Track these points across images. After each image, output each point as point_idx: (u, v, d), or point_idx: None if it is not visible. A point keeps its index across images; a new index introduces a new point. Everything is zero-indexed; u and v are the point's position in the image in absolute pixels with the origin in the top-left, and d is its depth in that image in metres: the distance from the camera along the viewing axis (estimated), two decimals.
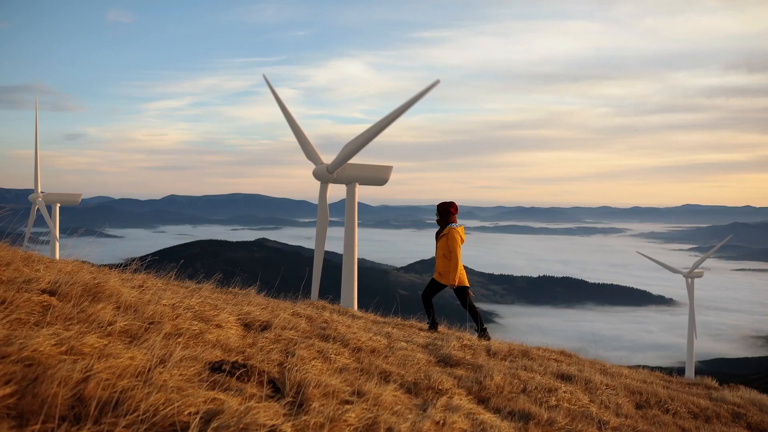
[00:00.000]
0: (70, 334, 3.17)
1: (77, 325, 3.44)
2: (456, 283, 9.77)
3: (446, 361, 5.41)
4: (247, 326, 4.64)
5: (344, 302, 15.84)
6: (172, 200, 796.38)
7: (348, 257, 16.82)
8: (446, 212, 9.98)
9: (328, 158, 16.90)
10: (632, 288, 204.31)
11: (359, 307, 14.67)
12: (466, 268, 10.09)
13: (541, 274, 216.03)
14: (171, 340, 3.63)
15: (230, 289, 7.23)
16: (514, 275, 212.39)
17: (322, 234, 17.90)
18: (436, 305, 9.67)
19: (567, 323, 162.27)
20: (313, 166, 17.05)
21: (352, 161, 16.55)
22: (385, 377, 4.12)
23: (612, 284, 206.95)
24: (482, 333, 9.48)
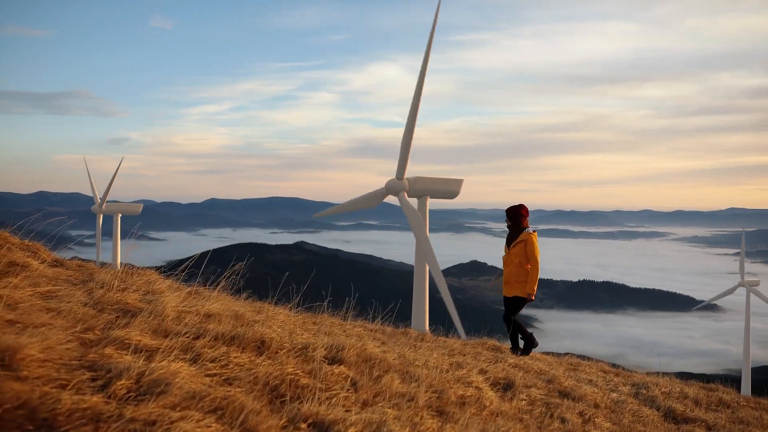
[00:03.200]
0: (404, 414, 3.39)
1: (392, 400, 3.66)
2: (534, 294, 9.23)
3: (673, 417, 5.57)
4: (493, 385, 4.86)
5: (415, 324, 15.56)
6: (212, 204, 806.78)
7: (419, 275, 16.45)
8: (518, 217, 9.45)
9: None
10: (675, 293, 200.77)
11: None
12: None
13: (581, 279, 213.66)
14: (466, 410, 3.84)
15: (404, 329, 7.45)
16: (554, 279, 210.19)
17: (428, 248, 16.04)
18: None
19: (607, 328, 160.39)
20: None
21: (423, 175, 16.64)
22: None
23: (654, 289, 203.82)
24: (515, 349, 9.06)
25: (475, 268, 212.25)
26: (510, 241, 9.54)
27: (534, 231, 9.45)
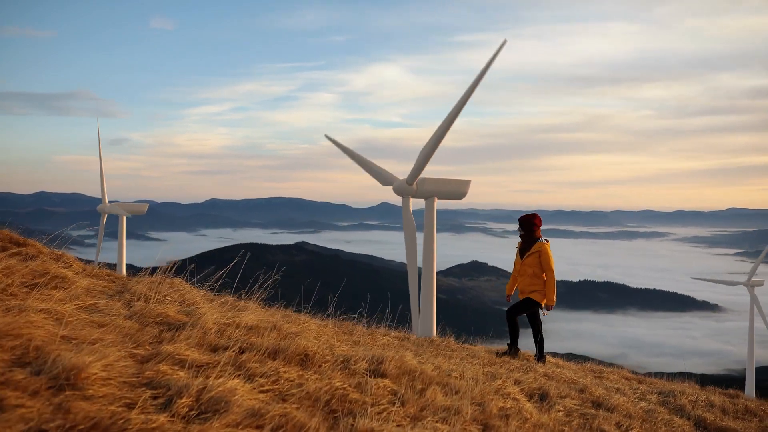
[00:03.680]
0: (454, 429, 3.44)
1: (438, 414, 3.71)
2: (554, 303, 9.35)
3: (704, 427, 5.64)
4: (529, 396, 4.92)
5: (422, 329, 15.55)
6: (213, 204, 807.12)
7: (426, 280, 16.44)
8: (531, 226, 9.40)
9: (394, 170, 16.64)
10: (676, 293, 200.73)
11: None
12: (507, 273, 9.63)
13: (582, 279, 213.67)
14: (509, 423, 3.90)
15: (433, 339, 7.52)
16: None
17: (413, 252, 16.88)
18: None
19: (608, 328, 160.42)
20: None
21: (431, 176, 16.67)
22: None
23: (655, 289, 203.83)
24: (513, 348, 9.04)
25: (475, 268, 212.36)
26: (523, 252, 9.48)
27: (547, 241, 9.42)
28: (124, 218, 43.24)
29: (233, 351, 3.95)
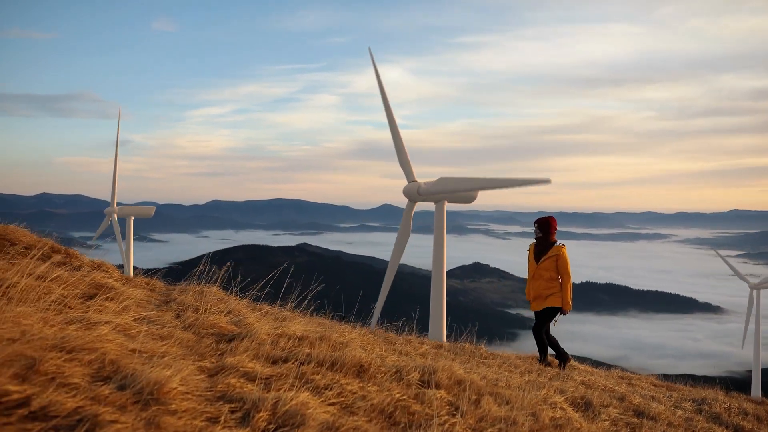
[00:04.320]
0: None
1: (496, 425, 3.79)
2: (570, 308, 9.25)
3: None
4: (573, 405, 5.00)
5: (432, 333, 15.65)
6: (215, 206, 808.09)
7: (436, 282, 16.49)
8: (548, 229, 9.39)
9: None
10: (678, 295, 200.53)
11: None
12: (509, 275, 9.64)
13: (584, 281, 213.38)
14: None
15: (461, 344, 7.62)
16: None
17: (398, 254, 17.03)
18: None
19: (610, 330, 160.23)
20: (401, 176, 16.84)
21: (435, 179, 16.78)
22: None
23: (656, 291, 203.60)
24: (543, 359, 9.13)
25: (477, 269, 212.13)
26: (539, 255, 9.45)
27: (563, 245, 9.41)
28: (132, 221, 43.26)
29: (293, 363, 4.03)
